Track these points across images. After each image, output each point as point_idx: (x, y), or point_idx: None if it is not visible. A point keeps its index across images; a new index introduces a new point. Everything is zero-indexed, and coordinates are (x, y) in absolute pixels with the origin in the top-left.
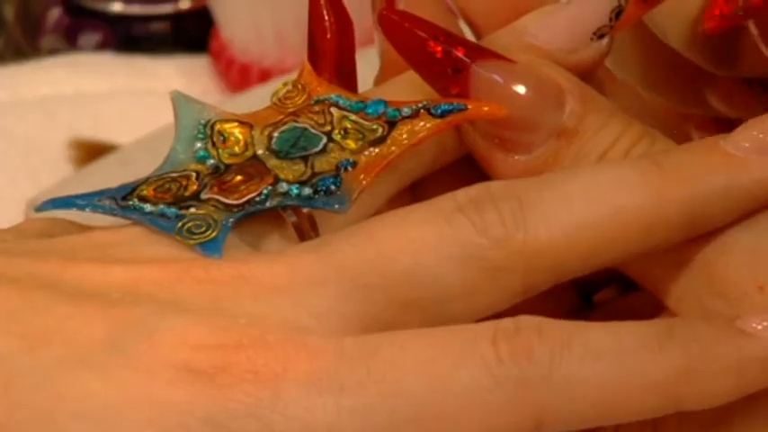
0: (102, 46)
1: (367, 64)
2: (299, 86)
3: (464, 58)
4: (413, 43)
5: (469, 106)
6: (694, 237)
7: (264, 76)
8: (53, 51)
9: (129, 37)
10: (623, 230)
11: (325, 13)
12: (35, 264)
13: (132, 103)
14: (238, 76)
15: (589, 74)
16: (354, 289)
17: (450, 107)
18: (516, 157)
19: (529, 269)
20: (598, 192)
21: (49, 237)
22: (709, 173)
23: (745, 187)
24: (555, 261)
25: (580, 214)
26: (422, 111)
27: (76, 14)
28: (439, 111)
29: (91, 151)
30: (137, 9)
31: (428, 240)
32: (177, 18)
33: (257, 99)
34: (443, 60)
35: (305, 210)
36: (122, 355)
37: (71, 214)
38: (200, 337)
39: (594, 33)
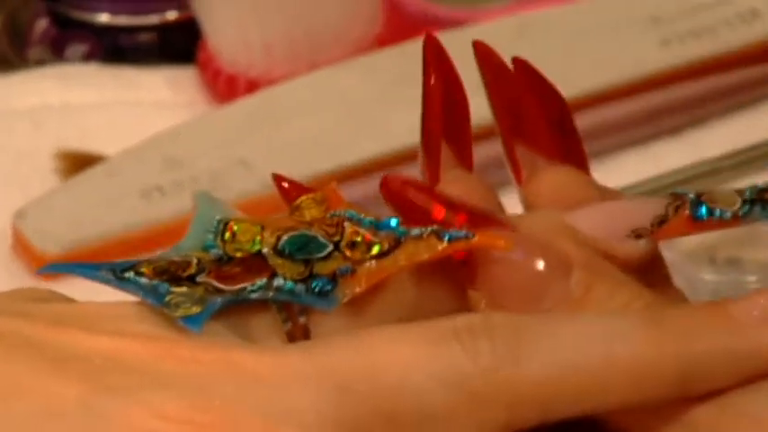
0: (89, 57)
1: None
2: (319, 200)
3: (467, 225)
4: (414, 212)
5: (476, 236)
6: (688, 396)
7: (251, 86)
8: (40, 62)
9: (115, 47)
10: (615, 378)
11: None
12: (23, 323)
13: (119, 113)
14: (225, 86)
15: (631, 266)
16: (338, 392)
17: (459, 234)
18: None
19: (514, 403)
20: (595, 336)
21: (43, 302)
22: (710, 333)
23: (743, 353)
24: (542, 399)
25: (573, 356)
26: (431, 233)
27: (63, 25)
28: (446, 236)
29: (78, 162)
30: (123, 20)
31: (419, 359)
32: (164, 29)
33: (244, 109)
34: (446, 224)
35: (295, 307)
36: (94, 416)
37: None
38: (174, 411)
39: (634, 231)
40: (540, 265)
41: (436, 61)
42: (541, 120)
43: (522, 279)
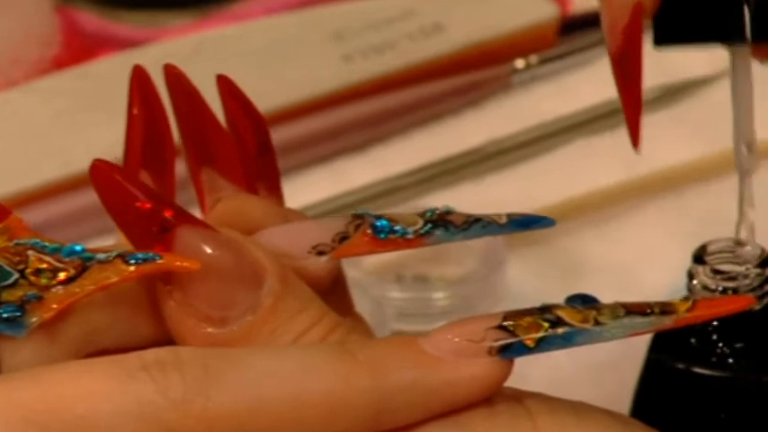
0: None
1: None
2: (1, 230)
3: (171, 219)
4: (121, 197)
5: (163, 257)
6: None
7: None
8: None
9: None
10: (307, 412)
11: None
12: None
13: None
14: None
15: (314, 285)
16: (26, 425)
17: (145, 257)
18: (209, 330)
19: None
20: (286, 370)
21: None
22: (400, 366)
23: (434, 386)
24: (236, 431)
25: (265, 389)
26: (116, 258)
27: None
28: (132, 260)
29: None
30: None
31: (108, 393)
32: None
33: None
34: (150, 217)
35: None
36: None
37: None
38: None
39: (314, 248)
40: (235, 268)
41: (140, 91)
42: (234, 145)
43: (213, 284)
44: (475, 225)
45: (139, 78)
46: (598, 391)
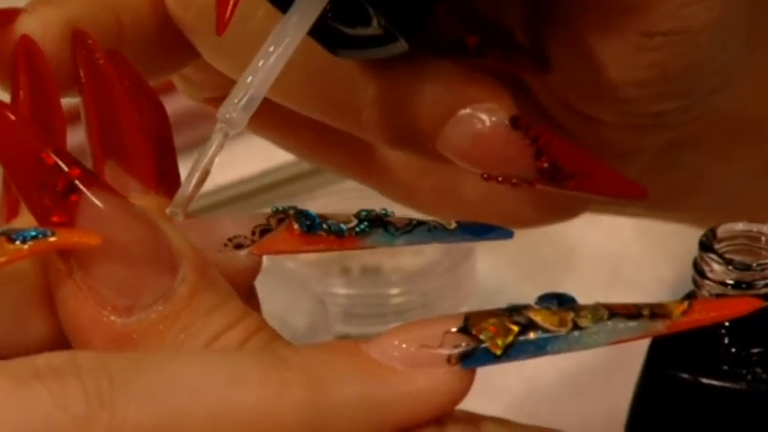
0: None
1: None
2: None
3: (78, 181)
4: (23, 147)
5: (57, 233)
6: None
7: None
8: None
9: None
10: (231, 428)
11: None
12: None
13: None
14: None
15: (231, 284)
16: None
17: (35, 233)
18: (112, 318)
19: None
20: (206, 379)
21: None
22: (341, 377)
23: (382, 401)
24: None
25: (182, 402)
26: (1, 237)
27: None
28: (20, 237)
29: None
30: None
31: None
32: None
33: None
34: (54, 173)
35: None
36: None
37: None
38: None
39: (231, 240)
40: (147, 247)
41: (28, 67)
42: (139, 137)
43: (119, 264)
44: (419, 227)
45: (27, 51)
46: (586, 405)
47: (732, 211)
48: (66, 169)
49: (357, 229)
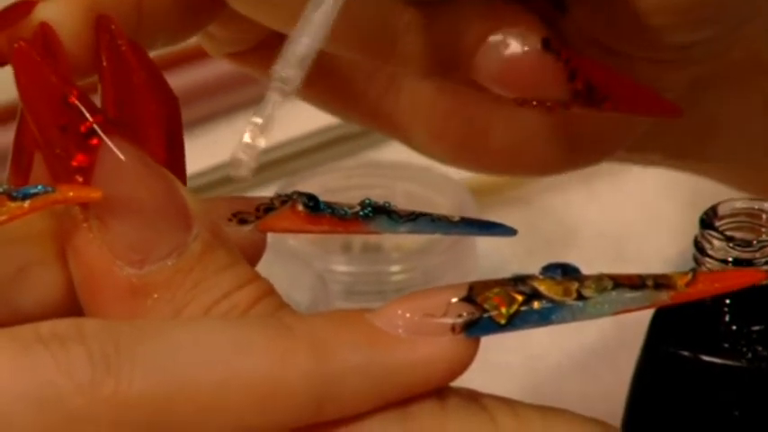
0: None
1: None
2: None
3: (100, 127)
4: (48, 87)
5: (58, 189)
6: (327, 421)
7: None
8: None
9: None
10: (236, 398)
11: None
12: None
13: None
14: None
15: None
16: None
17: (34, 190)
18: (125, 269)
19: (118, 422)
20: (214, 348)
21: None
22: (347, 345)
23: (388, 369)
24: (152, 418)
25: (188, 370)
26: (2, 195)
27: None
28: (20, 194)
29: None
30: None
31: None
32: None
33: None
34: (77, 115)
35: None
36: None
37: None
38: None
39: (235, 215)
40: (164, 202)
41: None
42: (153, 125)
43: (136, 216)
44: (423, 218)
45: (45, 38)
46: (587, 382)
47: (751, 157)
48: (88, 114)
49: (361, 213)
